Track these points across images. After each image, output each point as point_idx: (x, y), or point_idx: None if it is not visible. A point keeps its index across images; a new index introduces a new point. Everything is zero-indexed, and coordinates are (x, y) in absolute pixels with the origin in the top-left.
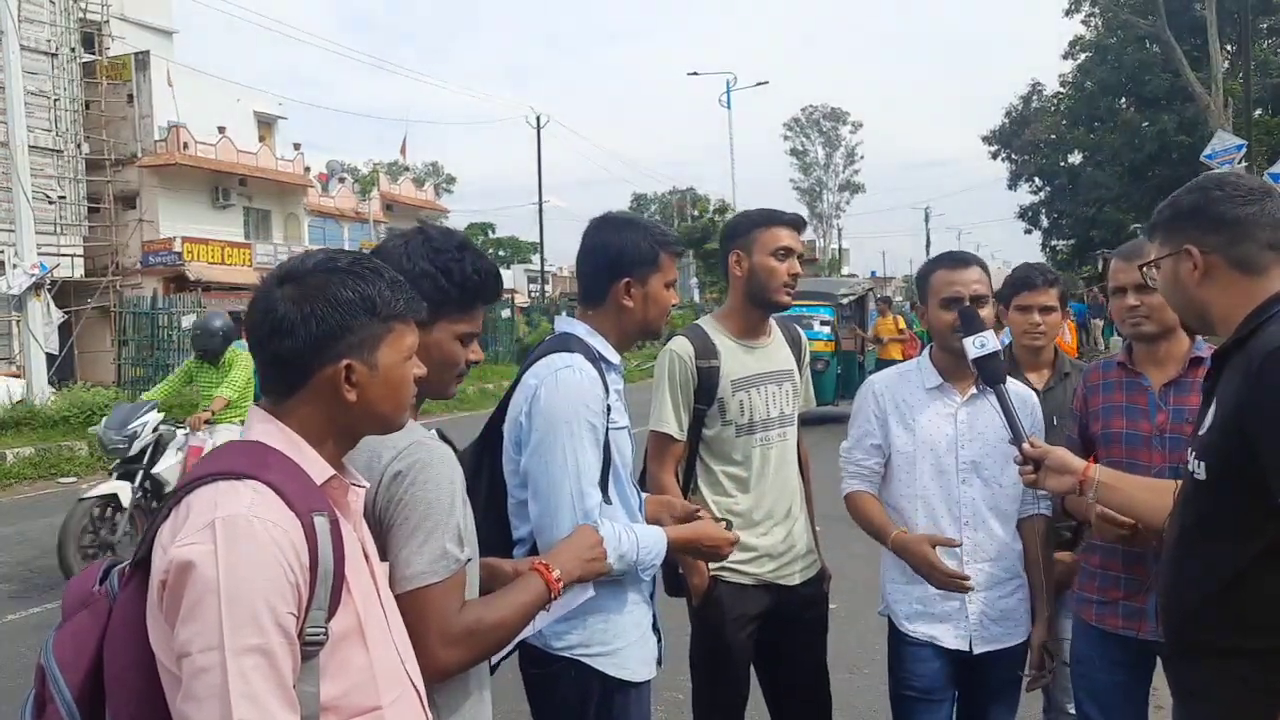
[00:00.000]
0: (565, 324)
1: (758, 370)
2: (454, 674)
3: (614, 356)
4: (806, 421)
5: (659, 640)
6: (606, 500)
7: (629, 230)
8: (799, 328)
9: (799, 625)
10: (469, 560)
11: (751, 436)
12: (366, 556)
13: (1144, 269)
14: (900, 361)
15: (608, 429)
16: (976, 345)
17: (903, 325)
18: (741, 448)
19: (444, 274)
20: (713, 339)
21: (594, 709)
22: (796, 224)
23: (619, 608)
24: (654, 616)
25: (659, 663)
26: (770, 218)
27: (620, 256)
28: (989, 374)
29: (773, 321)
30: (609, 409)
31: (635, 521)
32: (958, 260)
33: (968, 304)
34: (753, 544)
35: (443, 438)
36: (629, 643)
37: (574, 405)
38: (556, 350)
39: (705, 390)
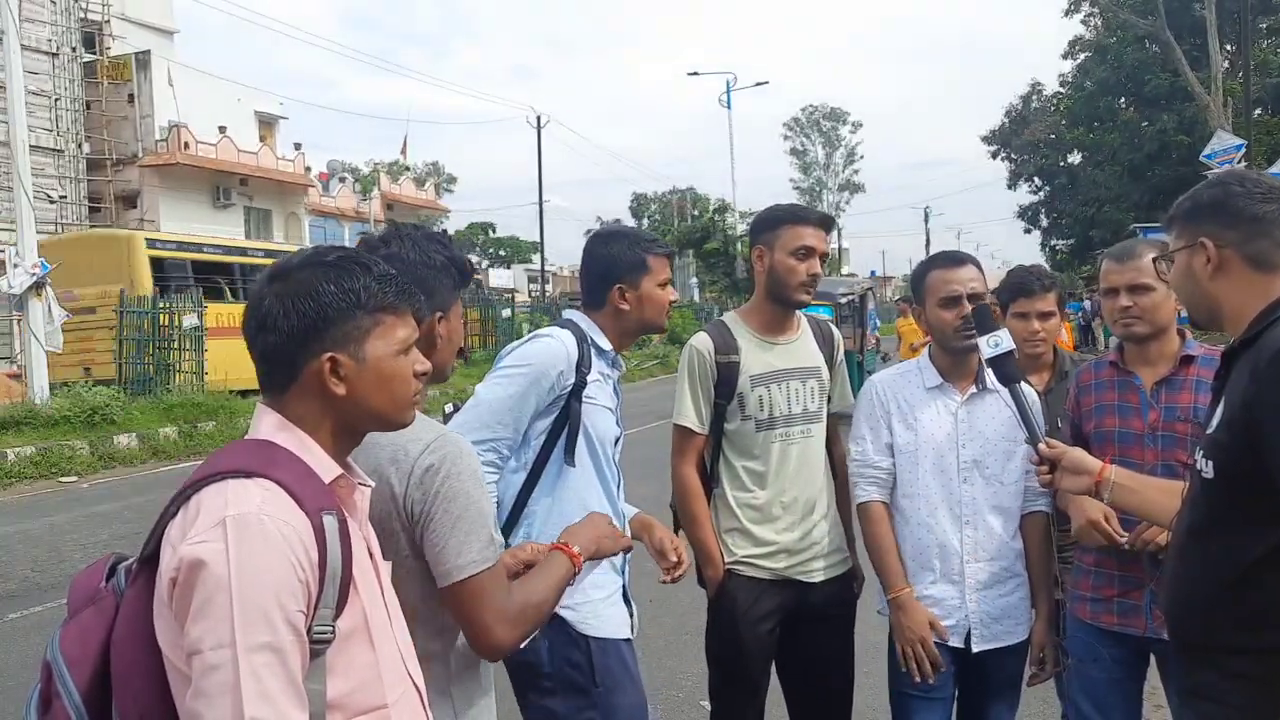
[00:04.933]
0: (569, 314)
1: (779, 366)
2: (509, 652)
3: (605, 344)
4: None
5: (631, 610)
6: (570, 464)
7: (615, 241)
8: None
9: (821, 624)
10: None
11: (771, 432)
12: (371, 555)
13: (1157, 261)
14: None
15: (571, 398)
16: (991, 345)
17: (913, 325)
18: (761, 443)
19: (454, 263)
20: (734, 334)
21: (563, 659)
22: (823, 223)
23: (584, 567)
24: (624, 587)
25: (632, 630)
26: (796, 216)
27: (611, 265)
28: (1004, 373)
29: (802, 318)
30: (584, 383)
31: (610, 497)
32: (953, 259)
33: (980, 303)
34: (769, 538)
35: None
36: (597, 599)
37: (531, 357)
38: (555, 325)
39: (725, 385)
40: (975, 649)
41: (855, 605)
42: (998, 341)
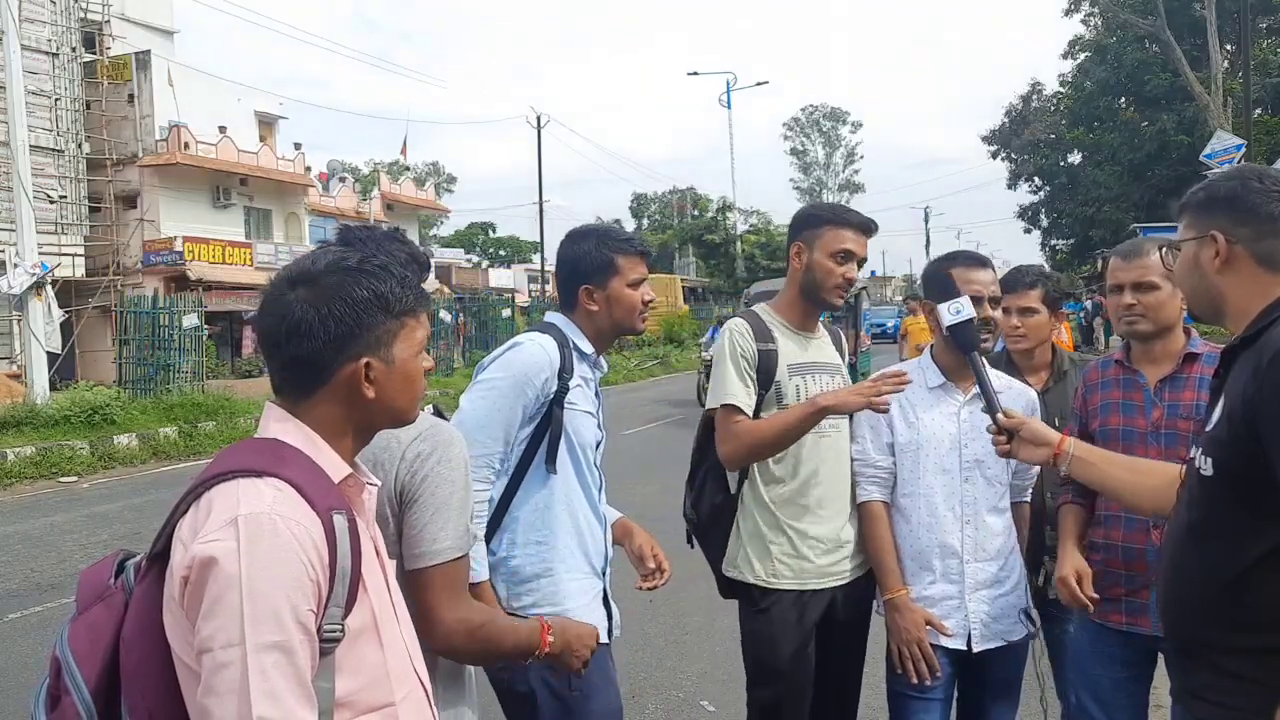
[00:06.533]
0: (550, 315)
1: (812, 359)
2: (449, 653)
3: (587, 347)
4: None
5: (610, 614)
6: (552, 471)
7: (583, 241)
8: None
9: (847, 626)
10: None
11: None
12: (378, 554)
13: (1164, 250)
14: None
15: (553, 404)
16: (952, 311)
17: (923, 324)
18: None
19: (415, 259)
20: (768, 324)
21: (548, 664)
22: (865, 228)
23: (565, 572)
24: (605, 592)
25: (611, 633)
26: (840, 217)
27: (577, 266)
28: (964, 340)
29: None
30: (566, 389)
31: (592, 502)
32: (974, 260)
33: (941, 273)
34: (805, 531)
35: (438, 414)
36: (578, 605)
37: (514, 366)
38: (535, 330)
39: (763, 372)
40: (975, 649)
41: (872, 602)
42: (959, 309)
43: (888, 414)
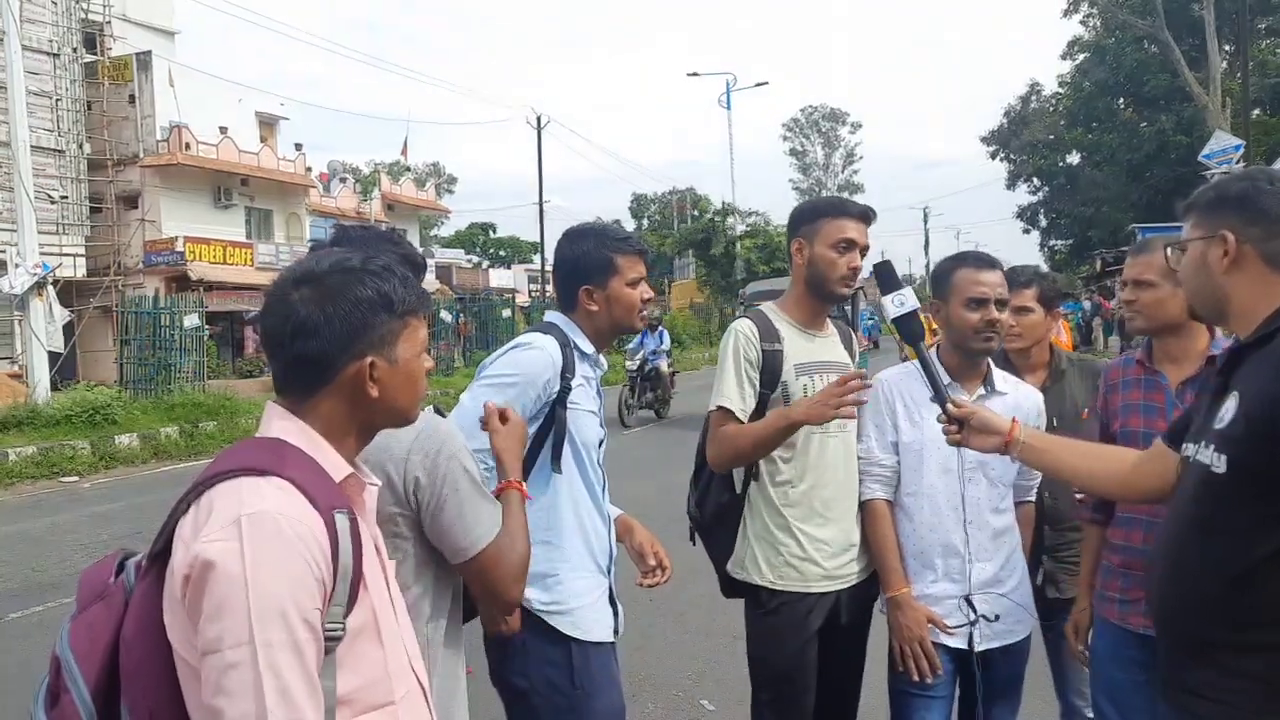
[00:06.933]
0: (550, 315)
1: (820, 358)
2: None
3: (588, 347)
4: None
5: (616, 612)
6: (557, 470)
7: (581, 241)
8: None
9: (849, 630)
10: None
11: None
12: (378, 552)
13: (1170, 249)
14: None
15: (557, 405)
16: (896, 304)
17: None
18: (802, 435)
19: (408, 260)
20: (775, 324)
21: (553, 661)
22: (864, 216)
23: (570, 571)
24: (610, 589)
25: (616, 632)
26: (836, 208)
27: (576, 266)
28: (908, 332)
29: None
30: (569, 389)
31: (596, 500)
32: (982, 261)
33: (884, 260)
34: (813, 534)
35: (438, 414)
36: (583, 604)
37: (518, 367)
38: (536, 330)
39: (769, 373)
40: (977, 648)
41: (873, 607)
42: (903, 300)
43: (891, 413)
